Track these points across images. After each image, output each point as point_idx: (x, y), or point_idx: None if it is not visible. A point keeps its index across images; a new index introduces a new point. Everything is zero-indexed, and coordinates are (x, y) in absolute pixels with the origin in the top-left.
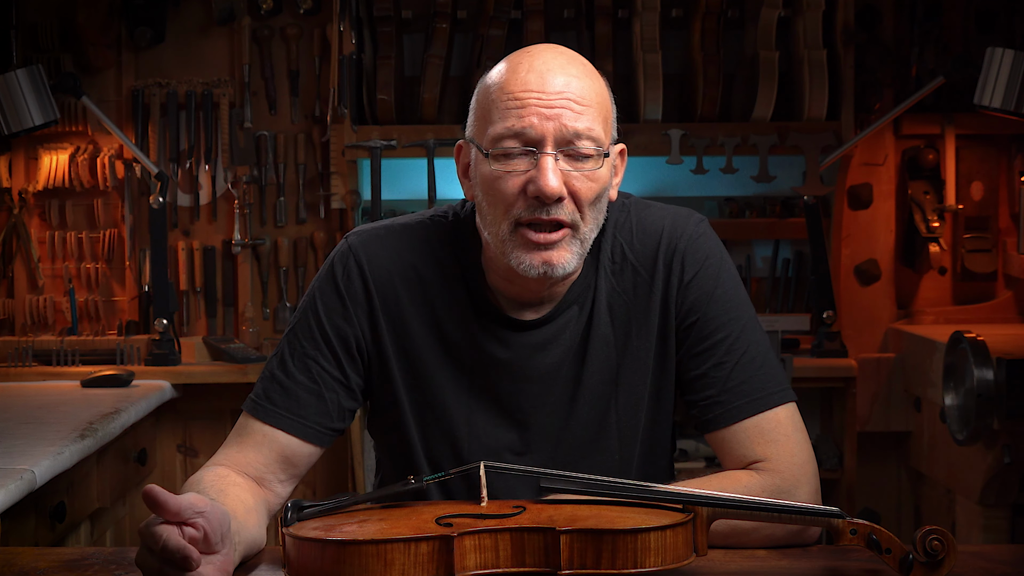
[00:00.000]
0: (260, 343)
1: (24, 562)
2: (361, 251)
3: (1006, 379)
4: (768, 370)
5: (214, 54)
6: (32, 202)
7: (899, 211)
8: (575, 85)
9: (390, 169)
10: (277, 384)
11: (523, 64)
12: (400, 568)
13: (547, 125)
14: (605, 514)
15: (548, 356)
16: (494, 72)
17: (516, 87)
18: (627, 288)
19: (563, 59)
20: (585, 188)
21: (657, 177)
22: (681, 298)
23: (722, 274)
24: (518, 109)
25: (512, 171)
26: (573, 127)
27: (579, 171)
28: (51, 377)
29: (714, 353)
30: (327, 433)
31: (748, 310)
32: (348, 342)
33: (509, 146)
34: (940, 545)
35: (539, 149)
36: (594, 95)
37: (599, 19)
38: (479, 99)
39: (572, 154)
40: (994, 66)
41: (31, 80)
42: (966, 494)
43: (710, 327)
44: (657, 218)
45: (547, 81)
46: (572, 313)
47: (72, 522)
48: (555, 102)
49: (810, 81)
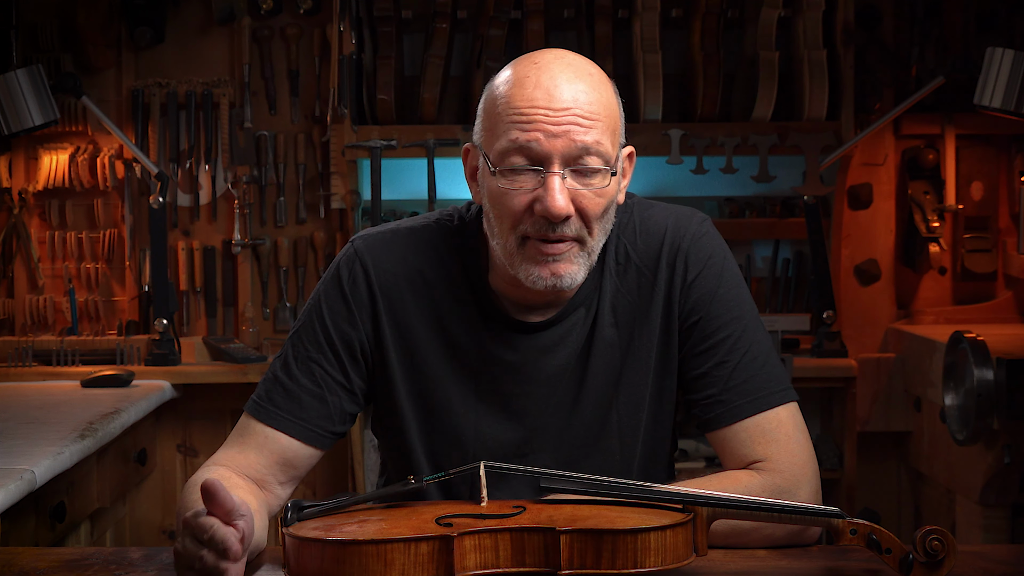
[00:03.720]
0: (260, 343)
1: (24, 562)
2: (367, 255)
3: (1006, 379)
4: (770, 369)
5: (214, 54)
6: (32, 202)
7: (899, 211)
8: (583, 99)
9: (390, 169)
10: (280, 386)
11: (530, 78)
12: (400, 568)
13: (554, 142)
14: (605, 514)
15: (555, 358)
16: (501, 81)
17: (523, 102)
18: (631, 288)
19: (571, 72)
20: (593, 204)
21: (657, 177)
22: (684, 297)
23: (725, 273)
24: (525, 125)
25: (519, 188)
26: (581, 143)
27: (587, 187)
28: (51, 377)
29: (716, 352)
30: (328, 436)
31: (751, 309)
32: (352, 346)
33: (516, 163)
34: (940, 545)
35: (546, 167)
36: (602, 108)
37: (599, 19)
38: (486, 108)
39: (580, 170)
40: (994, 66)
41: (31, 80)
42: (966, 494)
43: (713, 326)
44: (660, 218)
45: (554, 97)
46: (579, 315)
47: (72, 522)
48: (562, 118)
49: (810, 81)
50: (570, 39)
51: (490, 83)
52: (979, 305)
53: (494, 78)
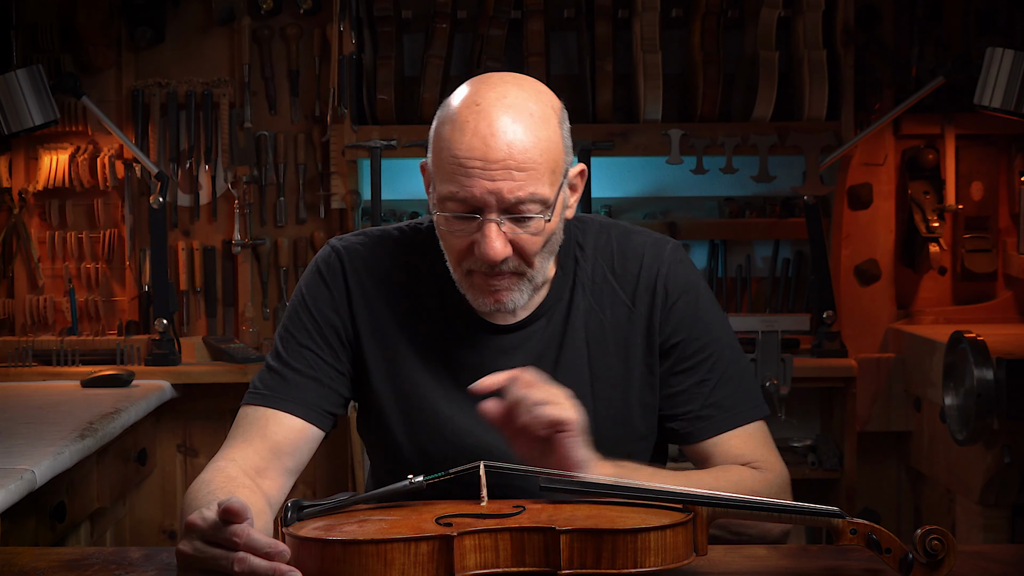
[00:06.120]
0: (260, 343)
1: (24, 562)
2: (343, 252)
3: (1006, 379)
4: (748, 386)
5: (214, 54)
6: (32, 202)
7: (899, 211)
8: (518, 148)
9: (390, 169)
10: (274, 374)
11: (470, 123)
12: (400, 568)
13: (488, 196)
14: (605, 514)
15: (513, 361)
16: (447, 117)
17: (462, 151)
18: (605, 307)
19: (508, 116)
20: (531, 244)
21: (657, 177)
22: (664, 320)
23: (701, 297)
24: (462, 177)
25: (459, 231)
26: (515, 196)
27: (524, 230)
28: (51, 377)
29: (697, 371)
30: (326, 416)
31: (728, 330)
32: (337, 330)
33: (455, 210)
34: (940, 545)
35: (483, 215)
36: (538, 152)
37: (599, 19)
38: (434, 140)
39: (516, 217)
40: (994, 66)
41: (31, 80)
42: (966, 494)
43: (693, 347)
44: (638, 244)
45: (490, 147)
46: (540, 325)
47: (72, 522)
48: (496, 172)
49: (810, 81)
50: (570, 39)
51: (442, 107)
52: (979, 305)
53: (446, 103)
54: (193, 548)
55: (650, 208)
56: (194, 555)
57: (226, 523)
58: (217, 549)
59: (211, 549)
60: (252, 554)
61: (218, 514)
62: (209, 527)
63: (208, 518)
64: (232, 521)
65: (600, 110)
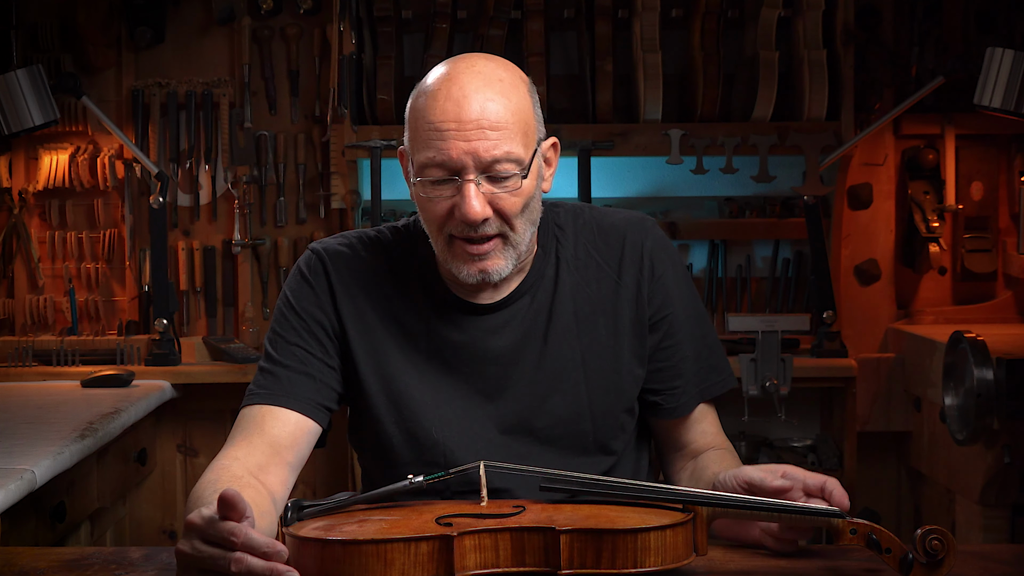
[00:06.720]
0: (260, 343)
1: (24, 562)
2: (324, 253)
3: (1006, 379)
4: (723, 356)
5: (214, 54)
6: (32, 202)
7: (899, 211)
8: (491, 109)
9: (390, 169)
10: (268, 374)
11: (442, 90)
12: (400, 568)
13: (465, 156)
14: (605, 514)
15: (500, 339)
16: (421, 91)
17: (436, 116)
18: (591, 282)
19: (479, 81)
20: (510, 204)
21: (657, 177)
22: (652, 292)
23: (683, 270)
24: (438, 141)
25: (439, 195)
26: (491, 155)
27: (503, 189)
28: (51, 377)
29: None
30: (321, 409)
31: (700, 302)
32: (324, 326)
33: (433, 175)
34: (940, 545)
35: (461, 176)
36: (510, 114)
37: (599, 19)
38: (409, 117)
39: (493, 176)
40: (994, 66)
41: (31, 80)
42: (966, 494)
43: (679, 320)
44: (618, 221)
45: (463, 109)
46: (524, 302)
47: (72, 522)
48: (471, 132)
49: (810, 81)
50: (570, 39)
51: (415, 89)
52: (979, 305)
53: (419, 85)
54: (192, 547)
55: (650, 208)
56: (192, 555)
57: (223, 516)
58: (215, 549)
59: (209, 549)
60: (250, 554)
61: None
62: (206, 523)
63: (206, 516)
64: (229, 513)
65: (600, 110)
